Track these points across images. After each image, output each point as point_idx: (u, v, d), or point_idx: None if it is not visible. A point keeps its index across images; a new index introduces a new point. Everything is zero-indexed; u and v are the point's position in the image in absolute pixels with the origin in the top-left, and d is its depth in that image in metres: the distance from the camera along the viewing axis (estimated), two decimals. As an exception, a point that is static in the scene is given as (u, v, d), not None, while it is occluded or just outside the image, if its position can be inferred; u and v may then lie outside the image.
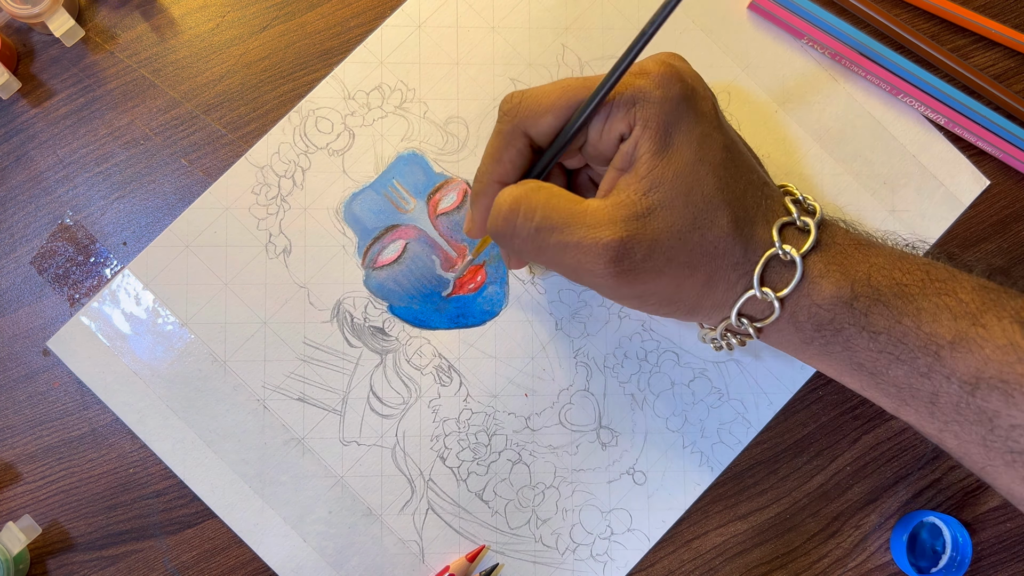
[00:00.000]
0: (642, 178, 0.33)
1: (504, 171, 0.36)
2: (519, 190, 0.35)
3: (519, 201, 0.34)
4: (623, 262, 0.33)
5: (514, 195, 0.35)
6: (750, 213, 0.34)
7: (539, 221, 0.34)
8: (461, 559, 0.42)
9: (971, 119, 0.45)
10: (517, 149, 0.36)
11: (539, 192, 0.34)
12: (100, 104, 0.43)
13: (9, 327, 0.43)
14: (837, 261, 0.34)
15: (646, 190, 0.33)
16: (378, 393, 0.43)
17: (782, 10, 0.45)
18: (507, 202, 0.35)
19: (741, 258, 0.34)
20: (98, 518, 0.42)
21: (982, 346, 0.32)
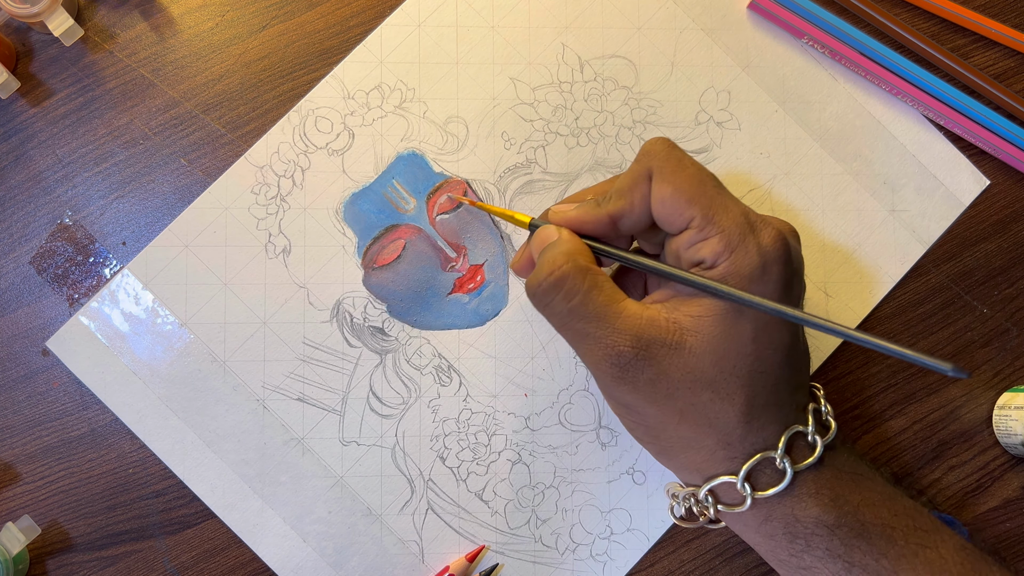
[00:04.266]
0: (691, 316, 0.33)
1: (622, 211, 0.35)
2: (568, 266, 0.34)
3: (564, 280, 0.34)
4: (627, 372, 0.33)
5: (563, 272, 0.34)
6: (770, 410, 0.34)
7: (575, 305, 0.34)
8: (461, 559, 0.42)
9: (971, 119, 0.45)
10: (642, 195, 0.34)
11: (586, 278, 0.34)
12: (99, 104, 0.43)
13: (8, 327, 0.43)
14: (830, 485, 0.34)
15: (687, 328, 0.33)
16: (378, 393, 0.43)
17: (782, 9, 0.45)
18: (553, 276, 0.34)
19: (736, 442, 0.34)
20: (97, 518, 0.42)
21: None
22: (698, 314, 0.33)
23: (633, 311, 0.33)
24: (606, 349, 0.33)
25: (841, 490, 0.34)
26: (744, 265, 0.32)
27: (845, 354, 0.45)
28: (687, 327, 0.33)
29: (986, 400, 0.45)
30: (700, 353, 0.33)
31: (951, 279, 0.45)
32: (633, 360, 0.33)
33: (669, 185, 0.34)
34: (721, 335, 0.33)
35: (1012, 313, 0.45)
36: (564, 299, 0.34)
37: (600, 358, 0.33)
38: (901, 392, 0.45)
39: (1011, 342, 0.45)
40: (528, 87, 0.44)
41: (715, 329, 0.33)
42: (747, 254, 0.32)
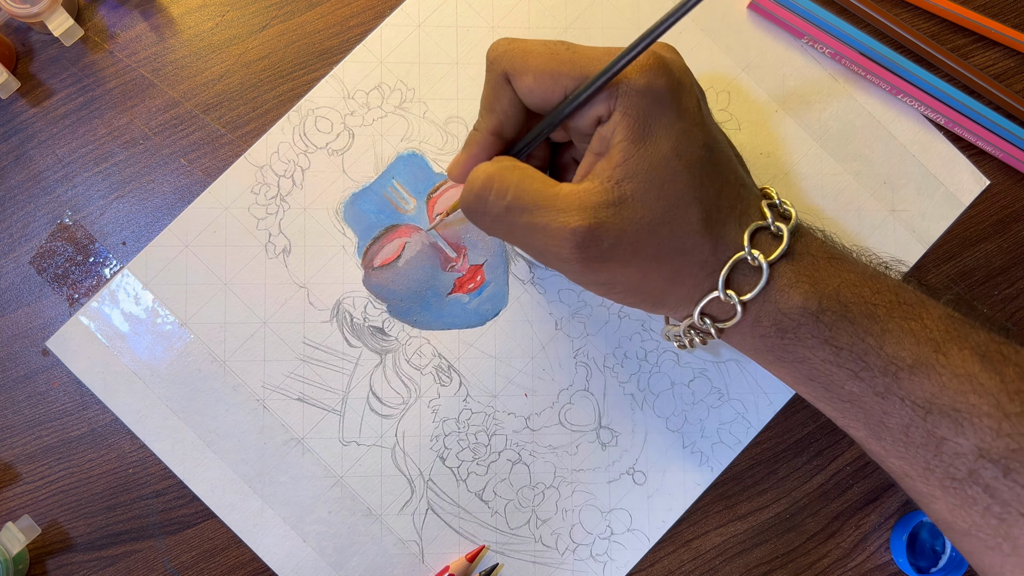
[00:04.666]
0: (616, 166, 0.33)
1: (498, 122, 0.36)
2: (493, 167, 0.35)
3: (492, 179, 0.34)
4: (589, 249, 0.33)
5: (488, 172, 0.34)
6: (723, 213, 0.34)
7: (510, 201, 0.34)
8: (461, 559, 0.42)
9: (971, 119, 0.45)
10: (508, 98, 0.35)
11: (513, 172, 0.34)
12: (99, 104, 0.43)
13: (8, 327, 0.43)
14: (808, 272, 0.34)
15: (619, 179, 0.33)
16: (378, 393, 0.43)
17: (782, 10, 0.45)
18: (480, 179, 0.34)
19: (710, 256, 0.34)
20: (97, 518, 0.42)
21: (940, 373, 0.32)
22: (621, 160, 0.33)
23: (569, 189, 0.33)
24: (558, 232, 0.33)
25: (819, 275, 0.34)
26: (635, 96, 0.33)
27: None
28: (619, 178, 0.33)
29: (986, 400, 0.45)
30: (642, 195, 0.33)
31: (951, 279, 0.45)
32: (588, 232, 0.33)
33: (528, 75, 0.34)
34: (649, 167, 0.33)
35: (1012, 313, 0.45)
36: (498, 197, 0.34)
37: (557, 244, 0.33)
38: (901, 392, 0.45)
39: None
40: (528, 87, 0.44)
41: (641, 165, 0.33)
42: (630, 83, 0.33)
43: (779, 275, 0.34)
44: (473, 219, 0.36)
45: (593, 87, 0.33)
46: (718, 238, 0.34)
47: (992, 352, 0.33)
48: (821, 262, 0.35)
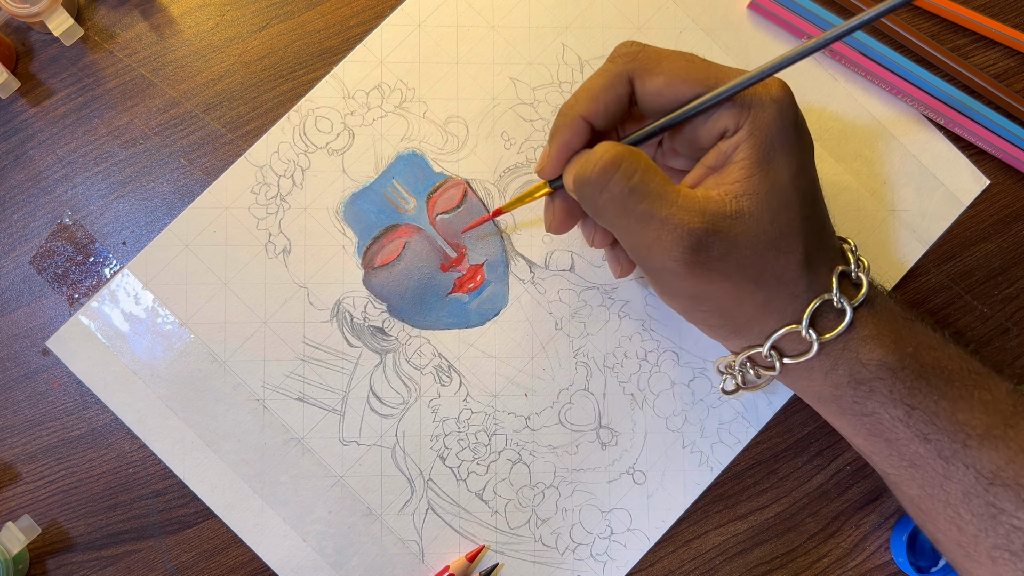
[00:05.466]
0: (736, 182, 0.33)
1: (595, 110, 0.35)
2: (622, 148, 0.33)
3: (621, 157, 0.33)
4: (700, 253, 0.32)
5: (617, 151, 0.33)
6: (820, 254, 0.34)
7: (635, 183, 0.33)
8: (461, 559, 0.42)
9: (971, 119, 0.45)
10: (617, 94, 0.35)
11: (641, 158, 0.33)
12: (99, 103, 0.43)
13: (8, 327, 0.43)
14: (889, 327, 0.34)
15: (738, 194, 0.33)
16: (378, 393, 0.43)
17: (782, 9, 0.45)
18: (610, 154, 0.33)
19: (801, 292, 0.34)
20: (97, 518, 0.42)
21: (1009, 446, 0.33)
22: (743, 177, 0.33)
23: (689, 191, 0.33)
24: (676, 229, 0.32)
25: (900, 332, 0.34)
26: (766, 119, 0.33)
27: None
28: (738, 193, 0.33)
29: (986, 400, 0.45)
30: (758, 214, 0.33)
31: (951, 279, 0.45)
32: (704, 236, 0.32)
33: (658, 76, 0.34)
34: (768, 190, 0.33)
35: (1012, 313, 0.45)
36: (624, 176, 0.33)
37: (670, 241, 0.32)
38: (901, 392, 0.45)
39: (1011, 342, 0.45)
40: (528, 87, 0.44)
41: (762, 186, 0.33)
42: (763, 106, 0.33)
43: (861, 324, 0.34)
44: (587, 194, 0.34)
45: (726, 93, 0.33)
46: (812, 277, 0.34)
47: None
48: (900, 320, 0.35)
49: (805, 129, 0.34)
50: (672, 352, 0.44)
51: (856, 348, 0.34)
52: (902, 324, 0.35)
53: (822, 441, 0.44)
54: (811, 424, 0.44)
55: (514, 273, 0.44)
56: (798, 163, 0.33)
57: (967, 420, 0.33)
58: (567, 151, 0.36)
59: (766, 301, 0.34)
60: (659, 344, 0.44)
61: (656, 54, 0.34)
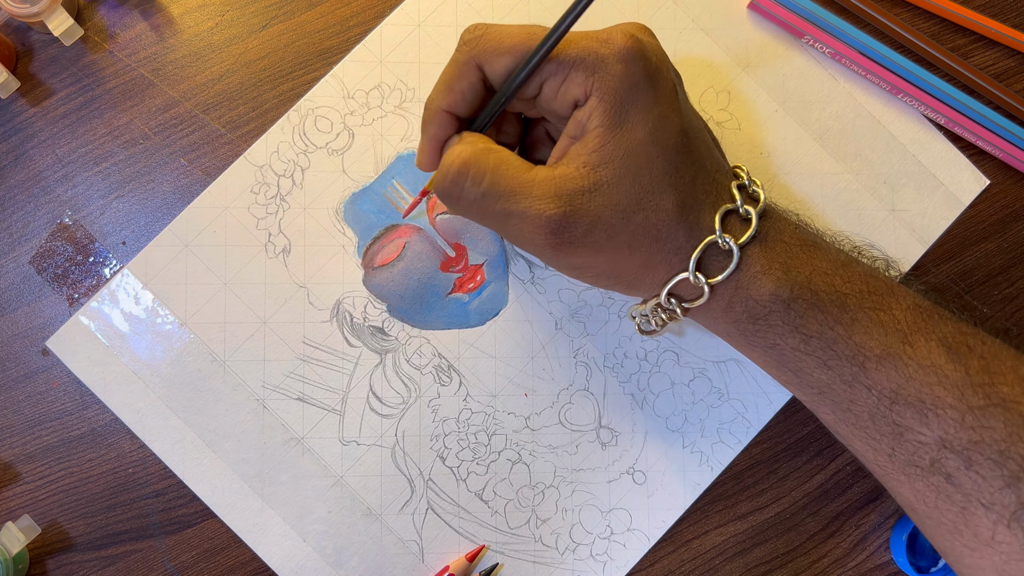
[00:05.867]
0: (591, 152, 0.33)
1: (454, 101, 0.35)
2: (469, 151, 0.34)
3: (468, 164, 0.34)
4: (563, 235, 0.33)
5: (463, 157, 0.34)
6: (698, 199, 0.34)
7: (486, 187, 0.33)
8: (461, 559, 0.42)
9: (971, 118, 0.45)
10: (470, 82, 0.35)
11: (489, 156, 0.34)
12: (99, 103, 0.43)
13: (8, 327, 0.43)
14: (780, 260, 0.34)
15: (595, 165, 0.33)
16: (378, 393, 0.43)
17: (782, 9, 0.45)
18: (456, 163, 0.34)
19: (683, 243, 0.34)
20: (97, 518, 0.42)
21: (907, 364, 0.33)
22: (597, 146, 0.33)
23: (545, 175, 0.33)
24: (533, 220, 0.33)
25: (791, 263, 0.34)
26: (612, 81, 0.32)
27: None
28: (594, 163, 0.33)
29: (986, 400, 0.45)
30: (616, 181, 0.33)
31: (951, 279, 0.45)
32: (562, 220, 0.33)
33: (505, 56, 0.34)
34: (625, 153, 0.33)
35: (1012, 313, 0.45)
36: (473, 184, 0.34)
37: (532, 231, 0.33)
38: (901, 392, 0.45)
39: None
40: (528, 87, 0.44)
41: (617, 151, 0.33)
42: (607, 66, 0.33)
43: (751, 261, 0.34)
44: (447, 204, 0.35)
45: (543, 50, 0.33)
46: (692, 224, 0.34)
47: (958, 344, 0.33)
48: (794, 249, 0.35)
49: (662, 75, 0.34)
50: (672, 352, 0.44)
51: (747, 285, 0.34)
52: (797, 253, 0.35)
53: (822, 441, 0.44)
54: (811, 424, 0.44)
55: (514, 273, 0.44)
56: (655, 116, 0.33)
57: (864, 342, 0.33)
58: (437, 144, 0.36)
59: (647, 259, 0.34)
60: (659, 344, 0.44)
61: (498, 34, 0.34)
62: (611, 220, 0.33)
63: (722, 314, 0.36)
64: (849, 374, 0.34)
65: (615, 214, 0.33)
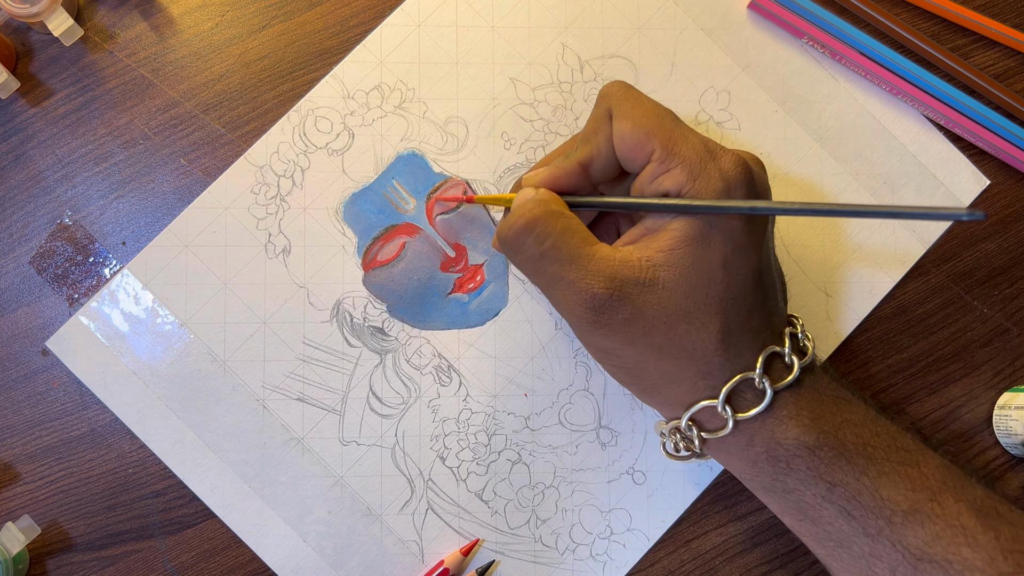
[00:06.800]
0: (660, 250, 0.33)
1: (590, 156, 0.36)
2: (540, 210, 0.34)
3: (536, 222, 0.34)
4: (602, 314, 0.33)
5: (534, 215, 0.34)
6: (745, 334, 0.34)
7: (547, 248, 0.34)
8: (455, 553, 0.42)
9: (971, 119, 0.45)
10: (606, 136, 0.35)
11: (558, 221, 0.34)
12: (99, 103, 0.43)
13: (8, 327, 0.43)
14: (810, 407, 0.34)
15: (658, 263, 0.33)
16: (378, 393, 0.43)
17: (782, 9, 0.45)
18: (525, 219, 0.34)
19: (716, 370, 0.34)
20: (97, 518, 0.42)
21: (935, 522, 0.32)
22: (668, 248, 0.33)
23: (606, 253, 0.34)
24: (580, 292, 0.33)
25: (821, 411, 0.34)
26: (707, 191, 0.33)
27: (844, 355, 0.45)
28: (658, 262, 0.33)
29: (986, 400, 0.45)
30: (673, 287, 0.33)
31: (951, 279, 0.45)
32: (608, 301, 0.33)
33: (628, 121, 0.34)
34: (692, 265, 0.33)
35: (1012, 313, 0.45)
36: (536, 241, 0.34)
37: (575, 302, 0.33)
38: (901, 392, 0.45)
39: (1011, 342, 0.45)
40: (528, 87, 0.44)
41: (685, 260, 0.33)
42: (709, 180, 0.33)
43: (781, 404, 0.34)
44: (505, 251, 0.36)
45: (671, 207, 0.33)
46: (731, 355, 0.34)
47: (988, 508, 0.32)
48: (826, 400, 0.35)
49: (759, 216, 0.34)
50: (672, 352, 0.44)
51: (772, 426, 0.34)
52: (827, 403, 0.35)
53: (822, 441, 0.44)
54: (811, 424, 0.44)
55: (514, 273, 0.44)
56: (736, 245, 0.33)
57: (891, 496, 0.33)
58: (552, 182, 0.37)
59: (673, 372, 0.34)
60: (659, 344, 0.44)
61: (635, 98, 0.35)
62: (653, 319, 0.33)
63: (741, 451, 0.35)
64: (874, 527, 0.33)
65: (659, 315, 0.33)
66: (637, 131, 0.34)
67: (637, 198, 0.34)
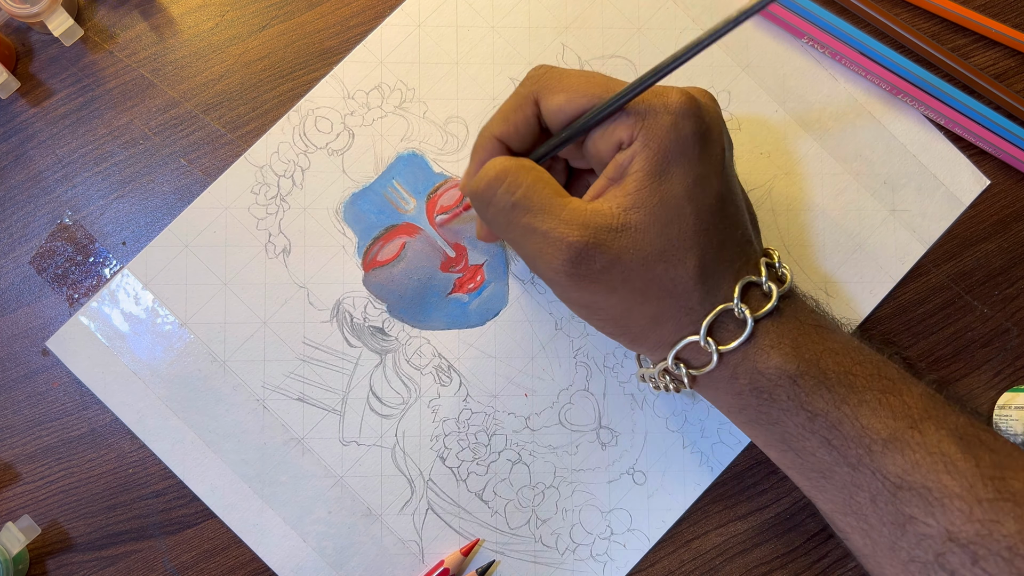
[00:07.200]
0: (627, 194, 0.33)
1: (507, 131, 0.36)
2: (510, 163, 0.35)
3: (507, 172, 0.34)
4: (580, 266, 0.33)
5: (504, 166, 0.34)
6: (721, 265, 0.34)
7: (518, 198, 0.34)
8: (455, 553, 0.42)
9: (971, 119, 0.45)
10: (526, 115, 0.36)
11: (529, 172, 0.34)
12: (99, 104, 0.43)
13: (8, 327, 0.43)
14: (791, 336, 0.34)
15: (627, 207, 0.33)
16: (378, 393, 0.43)
17: (782, 9, 0.45)
18: (495, 169, 0.35)
19: (696, 305, 0.34)
20: (97, 518, 0.42)
21: (915, 450, 0.32)
22: (634, 190, 0.33)
23: (577, 204, 0.34)
24: (556, 243, 0.33)
25: (802, 340, 0.34)
26: (657, 128, 0.33)
27: (845, 354, 0.45)
28: (627, 206, 0.33)
29: (987, 400, 0.45)
30: (645, 227, 0.33)
31: (951, 279, 0.45)
32: (584, 249, 0.33)
33: (559, 93, 0.35)
34: (659, 203, 0.33)
35: (1012, 313, 0.45)
36: (507, 191, 0.34)
37: (551, 255, 0.33)
38: (901, 392, 0.45)
39: (1011, 342, 0.45)
40: (528, 87, 0.44)
41: (652, 199, 0.33)
42: (657, 117, 0.33)
43: (762, 333, 0.34)
44: (478, 207, 0.36)
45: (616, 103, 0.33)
46: (710, 288, 0.34)
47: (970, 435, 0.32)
48: (807, 328, 0.35)
49: (711, 138, 0.34)
50: (672, 352, 0.44)
51: (754, 357, 0.34)
52: (809, 331, 0.35)
53: (822, 441, 0.44)
54: (811, 424, 0.44)
55: (514, 273, 0.44)
56: (697, 174, 0.33)
57: (871, 424, 0.32)
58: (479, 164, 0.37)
59: (657, 313, 0.34)
60: (659, 344, 0.44)
61: (559, 74, 0.35)
62: (631, 263, 0.33)
63: (726, 384, 0.35)
64: (854, 456, 0.33)
65: (636, 258, 0.33)
66: (573, 97, 0.34)
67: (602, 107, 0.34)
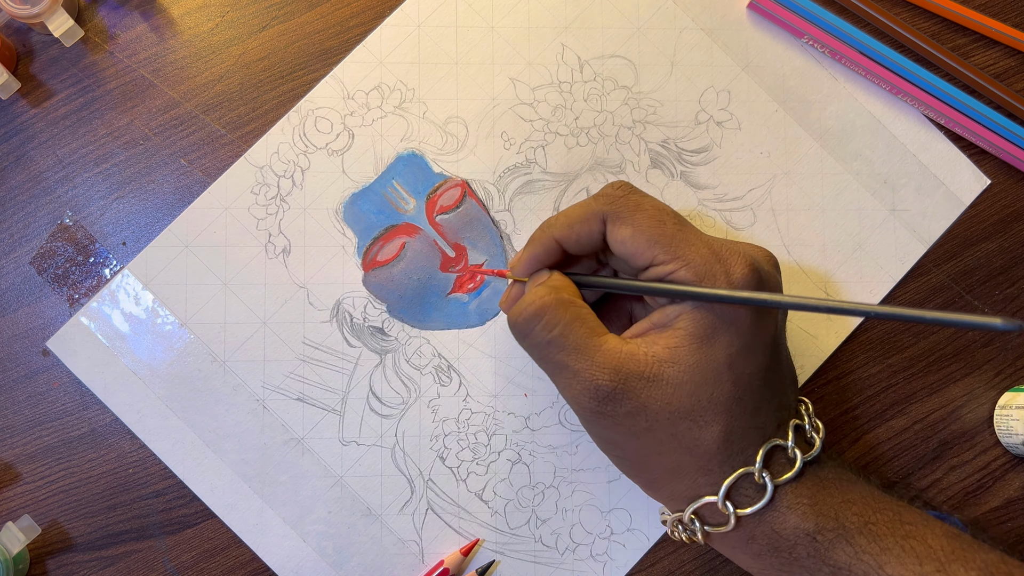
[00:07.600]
0: (666, 347, 0.33)
1: (568, 237, 0.36)
2: (550, 298, 0.35)
3: (545, 309, 0.35)
4: (606, 406, 0.33)
5: (544, 302, 0.35)
6: (749, 433, 0.34)
7: (555, 335, 0.34)
8: (455, 553, 0.42)
9: (971, 118, 0.45)
10: (590, 229, 0.36)
11: (567, 309, 0.35)
12: (99, 104, 0.43)
13: (8, 327, 0.43)
14: (809, 494, 0.34)
15: (663, 360, 0.33)
16: (377, 393, 0.43)
17: (782, 9, 0.45)
18: (534, 307, 0.35)
19: (716, 467, 0.34)
20: (97, 518, 0.42)
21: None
22: (674, 345, 0.33)
23: (613, 345, 0.34)
24: (585, 383, 0.33)
25: (820, 496, 0.34)
26: None
27: (845, 354, 0.45)
28: (664, 359, 0.33)
29: (987, 400, 0.45)
30: (677, 384, 0.33)
31: (952, 279, 0.45)
32: (611, 393, 0.33)
33: (627, 227, 0.34)
34: (696, 364, 0.33)
35: (1013, 313, 0.45)
36: (544, 329, 0.34)
37: (579, 391, 0.34)
38: (902, 392, 0.45)
39: (1012, 342, 0.45)
40: (528, 87, 0.45)
41: (690, 359, 0.33)
42: (715, 284, 0.33)
43: (780, 496, 0.34)
44: (515, 335, 0.36)
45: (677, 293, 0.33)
46: (733, 452, 0.34)
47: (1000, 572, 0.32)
48: (825, 483, 0.35)
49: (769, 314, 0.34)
50: (672, 352, 0.44)
51: (771, 519, 0.34)
52: (827, 486, 0.34)
53: (822, 441, 0.44)
54: (811, 424, 0.44)
55: (514, 273, 0.44)
56: (743, 344, 0.33)
57: (896, 573, 0.32)
58: (536, 263, 0.38)
59: (675, 467, 0.34)
60: (659, 344, 0.44)
61: (634, 204, 0.35)
62: (656, 415, 0.33)
63: (744, 545, 0.35)
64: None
65: (662, 411, 0.33)
66: (638, 237, 0.34)
67: (645, 281, 0.35)
